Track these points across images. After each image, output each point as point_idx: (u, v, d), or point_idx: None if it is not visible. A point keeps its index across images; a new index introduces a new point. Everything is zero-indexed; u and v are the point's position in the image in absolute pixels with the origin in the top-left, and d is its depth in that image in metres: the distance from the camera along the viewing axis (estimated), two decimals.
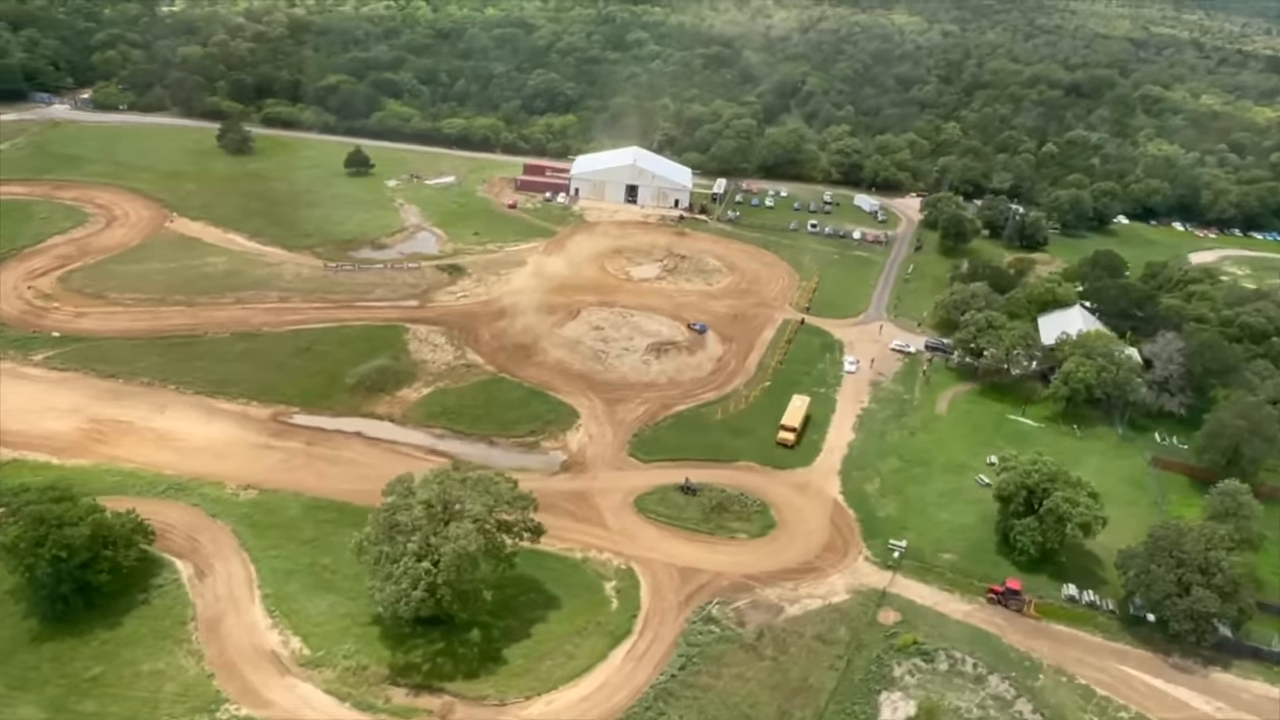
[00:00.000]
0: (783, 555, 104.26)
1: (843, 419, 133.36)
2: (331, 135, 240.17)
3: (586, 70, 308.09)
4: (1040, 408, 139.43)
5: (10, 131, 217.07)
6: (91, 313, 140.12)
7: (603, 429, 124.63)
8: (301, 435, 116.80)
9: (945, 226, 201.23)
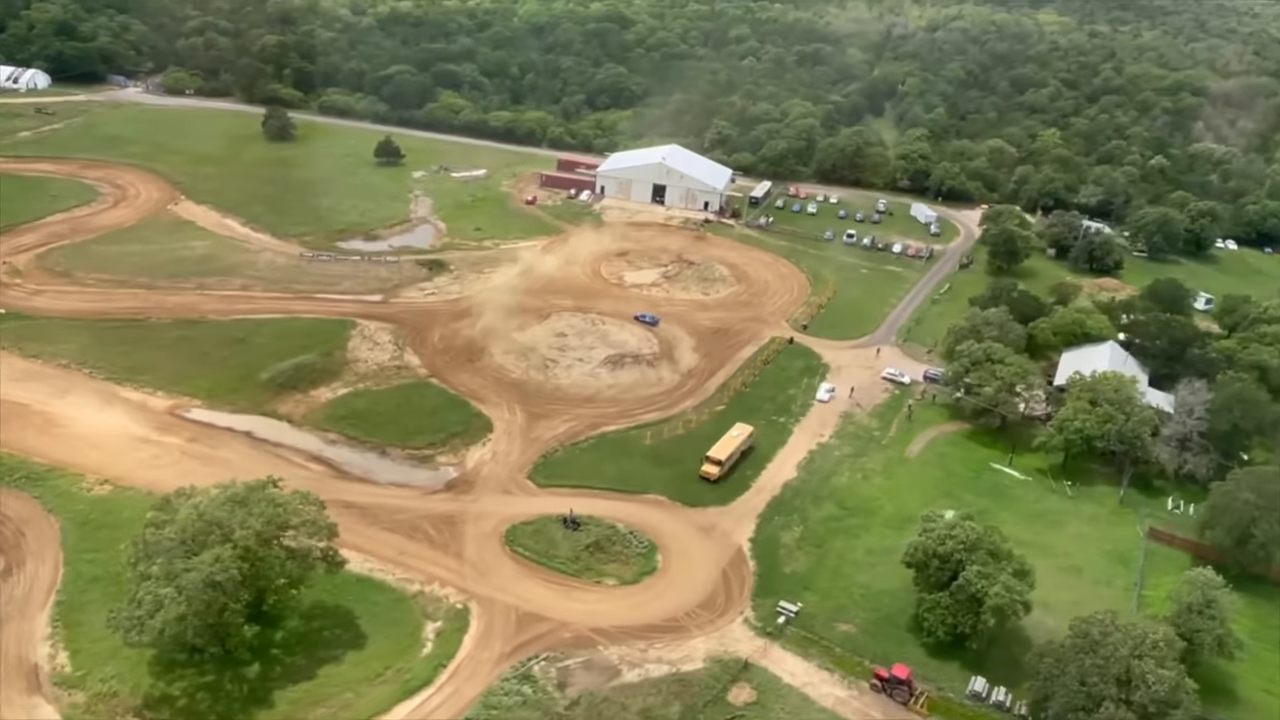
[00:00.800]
0: (648, 608, 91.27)
1: (791, 454, 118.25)
2: (383, 125, 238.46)
3: (666, 66, 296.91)
4: (1033, 458, 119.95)
5: (71, 111, 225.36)
6: (48, 291, 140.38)
7: (511, 446, 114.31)
8: (189, 431, 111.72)
9: (994, 243, 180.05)
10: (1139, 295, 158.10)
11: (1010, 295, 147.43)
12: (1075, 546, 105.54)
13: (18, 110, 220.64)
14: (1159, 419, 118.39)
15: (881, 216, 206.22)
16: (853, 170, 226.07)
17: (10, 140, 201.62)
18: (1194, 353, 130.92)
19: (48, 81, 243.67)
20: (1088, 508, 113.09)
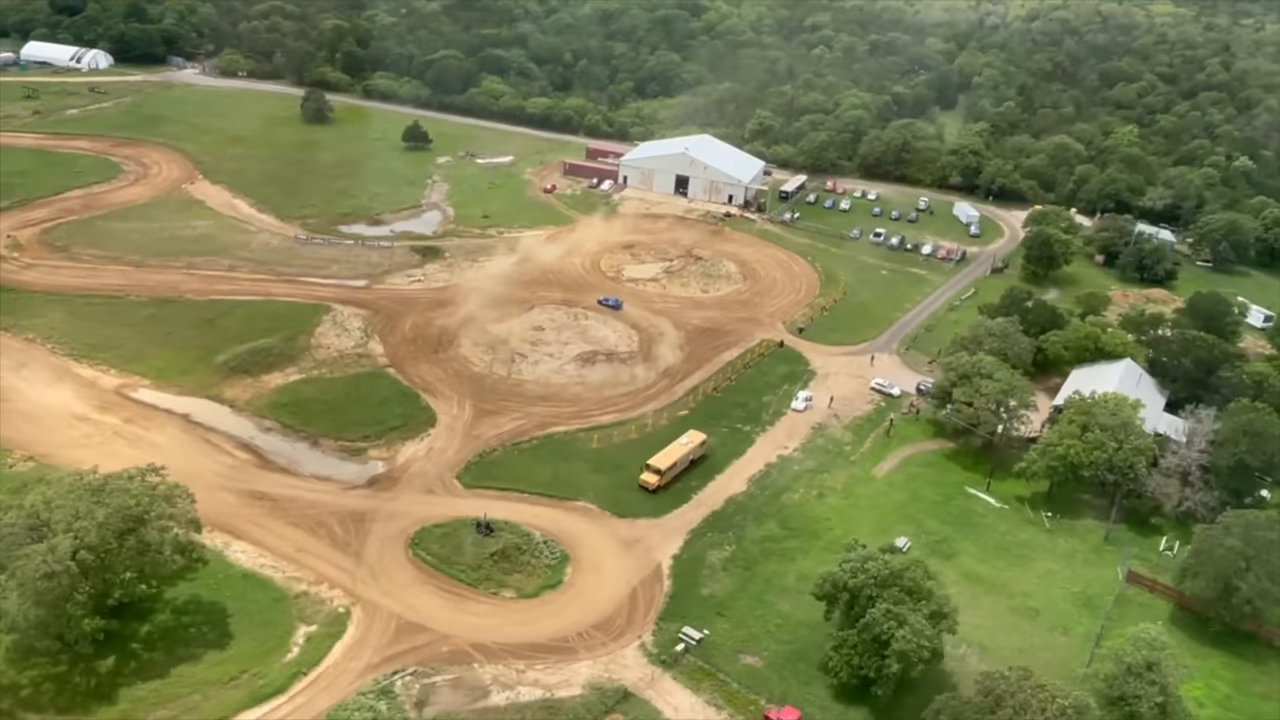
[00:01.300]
0: (540, 625, 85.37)
1: (746, 466, 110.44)
2: (423, 110, 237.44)
3: (724, 55, 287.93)
4: (1016, 484, 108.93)
5: (123, 91, 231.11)
6: (41, 266, 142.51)
7: (450, 444, 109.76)
8: (128, 411, 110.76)
9: (1029, 247, 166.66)
10: (1179, 309, 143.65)
11: (1023, 304, 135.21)
12: (1039, 586, 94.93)
13: (73, 89, 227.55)
14: (1162, 449, 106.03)
15: (919, 215, 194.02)
16: (898, 165, 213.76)
17: (56, 117, 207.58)
18: (1220, 376, 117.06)
19: (110, 62, 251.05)
20: (1065, 543, 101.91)
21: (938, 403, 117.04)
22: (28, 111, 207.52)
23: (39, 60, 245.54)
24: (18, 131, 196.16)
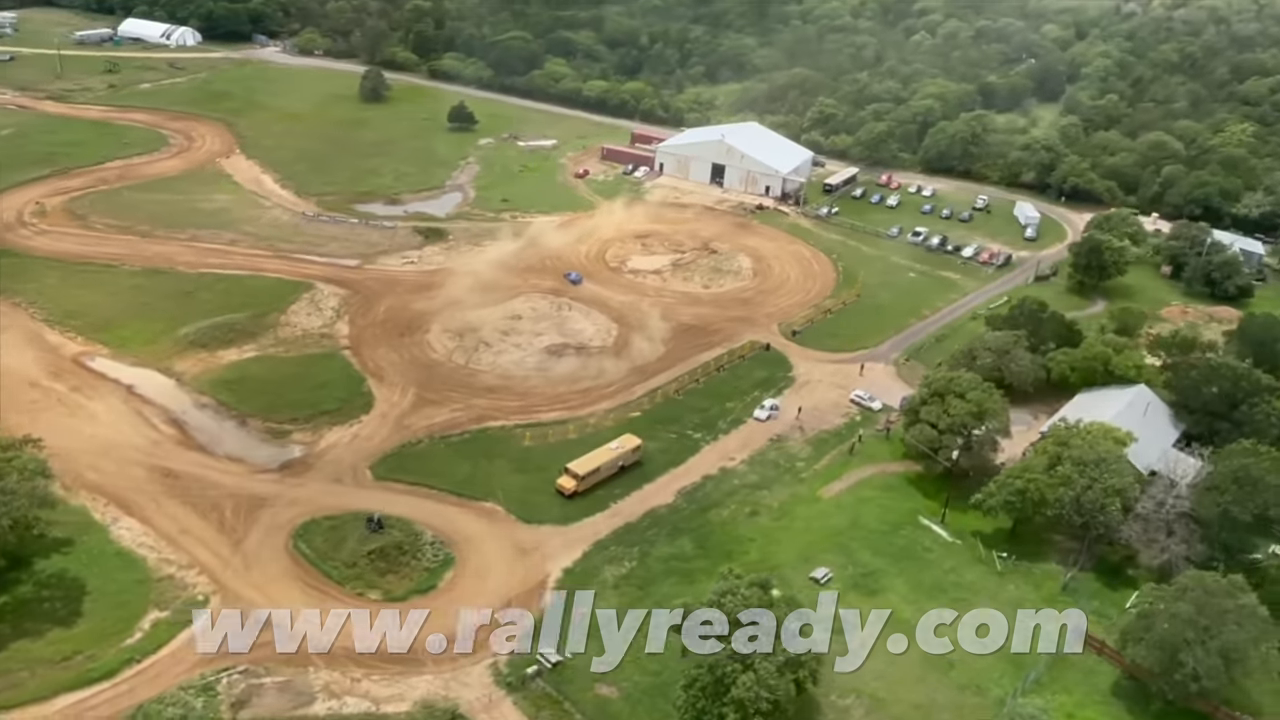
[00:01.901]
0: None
1: (682, 476, 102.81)
2: (484, 91, 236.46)
3: (808, 39, 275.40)
4: (979, 517, 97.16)
5: (200, 67, 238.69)
6: (54, 232, 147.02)
7: (378, 432, 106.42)
8: (79, 378, 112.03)
9: (1077, 254, 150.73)
10: (1230, 331, 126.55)
11: (1035, 316, 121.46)
12: (966, 635, 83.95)
13: (153, 65, 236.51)
14: (1149, 490, 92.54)
15: (975, 214, 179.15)
16: (964, 160, 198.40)
17: (128, 91, 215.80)
18: (1244, 411, 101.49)
19: (197, 39, 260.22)
20: (1015, 588, 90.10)
21: (908, 421, 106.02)
22: (103, 85, 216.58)
23: (133, 37, 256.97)
24: (87, 104, 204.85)
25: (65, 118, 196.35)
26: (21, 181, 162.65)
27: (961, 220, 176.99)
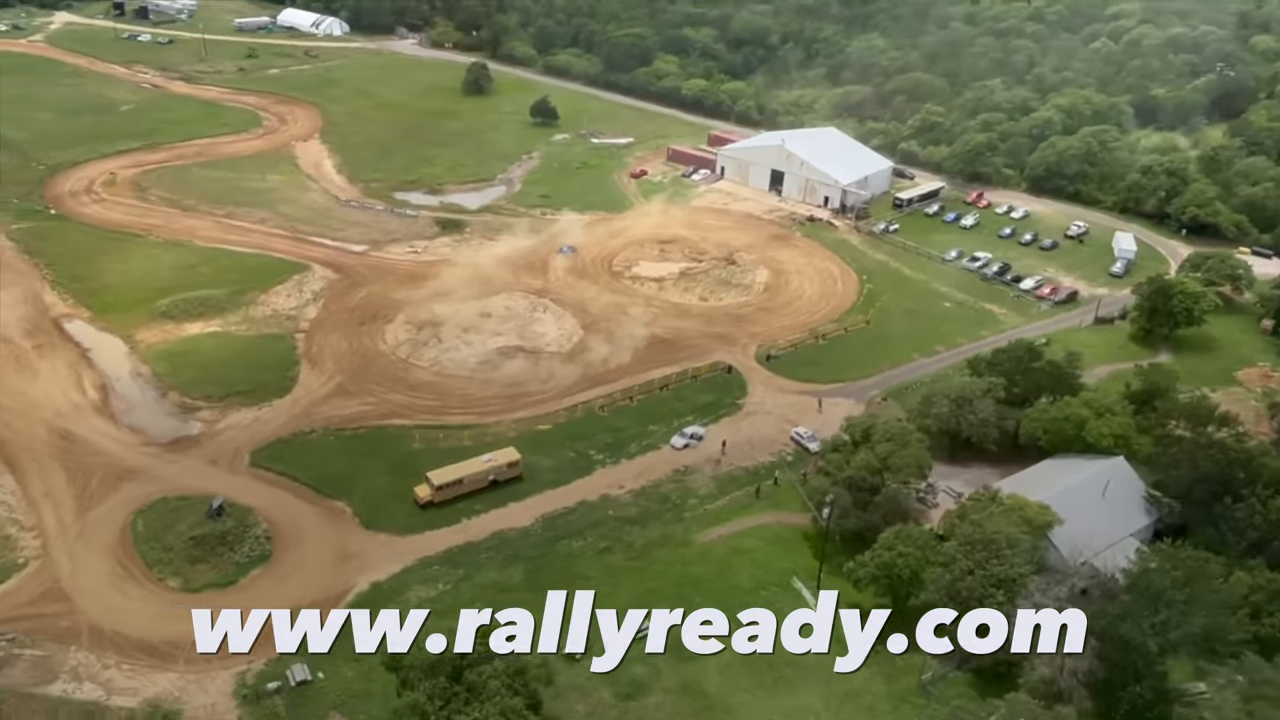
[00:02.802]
0: (165, 623, 78.72)
1: (552, 501, 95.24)
2: (589, 87, 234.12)
3: (957, 43, 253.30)
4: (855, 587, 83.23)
5: (333, 55, 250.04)
6: (108, 201, 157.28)
7: (279, 417, 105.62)
8: (48, 339, 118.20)
9: (1143, 298, 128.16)
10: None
11: (1022, 361, 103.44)
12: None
13: (290, 52, 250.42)
14: (1051, 586, 75.76)
15: (1062, 243, 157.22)
16: (1075, 181, 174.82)
17: (256, 76, 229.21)
18: (1225, 504, 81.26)
19: (344, 29, 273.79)
20: (862, 677, 75.62)
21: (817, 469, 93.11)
22: (234, 69, 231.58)
23: (287, 25, 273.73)
24: (210, 85, 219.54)
25: (184, 97, 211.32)
26: (112, 153, 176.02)
27: (1043, 248, 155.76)
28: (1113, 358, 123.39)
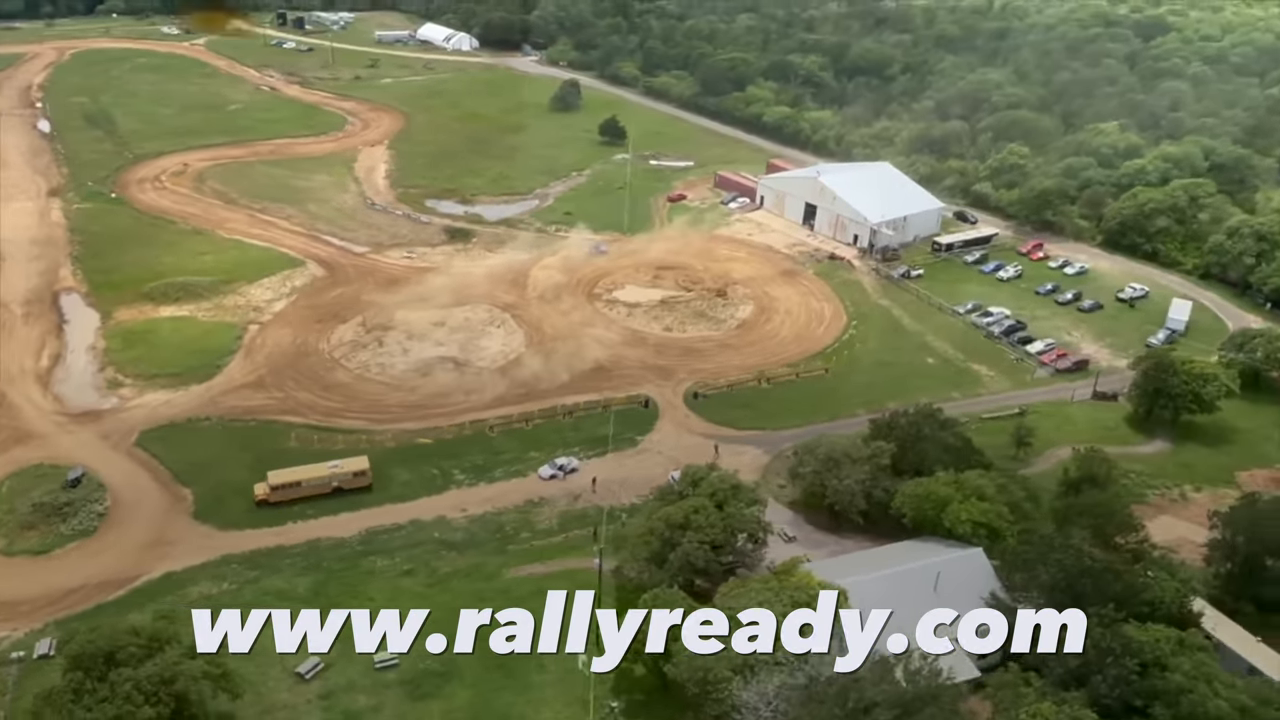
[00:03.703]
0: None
1: (388, 516, 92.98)
2: (680, 109, 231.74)
3: (1087, 82, 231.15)
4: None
5: (448, 69, 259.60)
6: (167, 191, 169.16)
7: (188, 402, 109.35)
8: (40, 309, 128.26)
9: (1142, 376, 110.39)
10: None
11: (923, 428, 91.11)
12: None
13: (410, 63, 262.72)
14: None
15: (1105, 305, 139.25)
16: (1155, 238, 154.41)
17: (367, 84, 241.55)
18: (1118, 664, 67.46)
19: (474, 45, 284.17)
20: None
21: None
22: (350, 77, 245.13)
23: (423, 39, 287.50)
24: (320, 90, 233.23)
25: (291, 100, 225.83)
26: (197, 146, 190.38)
27: (1082, 309, 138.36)
28: (1093, 438, 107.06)
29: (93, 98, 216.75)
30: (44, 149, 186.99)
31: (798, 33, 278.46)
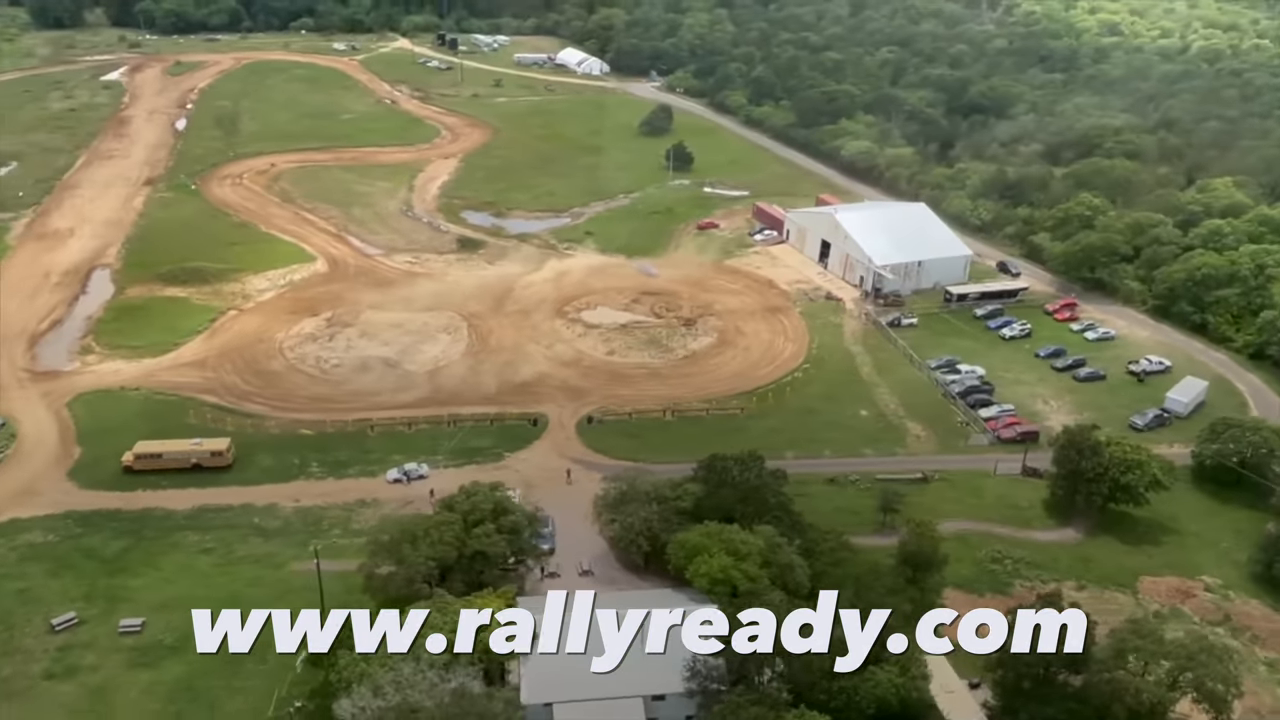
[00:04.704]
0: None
1: (217, 498, 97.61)
2: (774, 140, 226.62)
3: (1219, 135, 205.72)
4: None
5: (569, 90, 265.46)
6: (241, 187, 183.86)
7: (130, 375, 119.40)
8: (72, 279, 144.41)
9: (1060, 454, 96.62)
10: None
11: (734, 474, 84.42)
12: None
13: (532, 84, 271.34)
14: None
15: (1100, 377, 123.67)
16: (1207, 309, 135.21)
17: (482, 101, 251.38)
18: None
19: (604, 70, 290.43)
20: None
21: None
22: (468, 94, 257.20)
23: (559, 63, 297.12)
24: (433, 106, 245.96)
25: (402, 112, 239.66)
26: (293, 148, 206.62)
27: (1078, 378, 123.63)
28: (994, 515, 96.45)
29: (234, 102, 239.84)
30: (167, 144, 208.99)
31: (940, 67, 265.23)
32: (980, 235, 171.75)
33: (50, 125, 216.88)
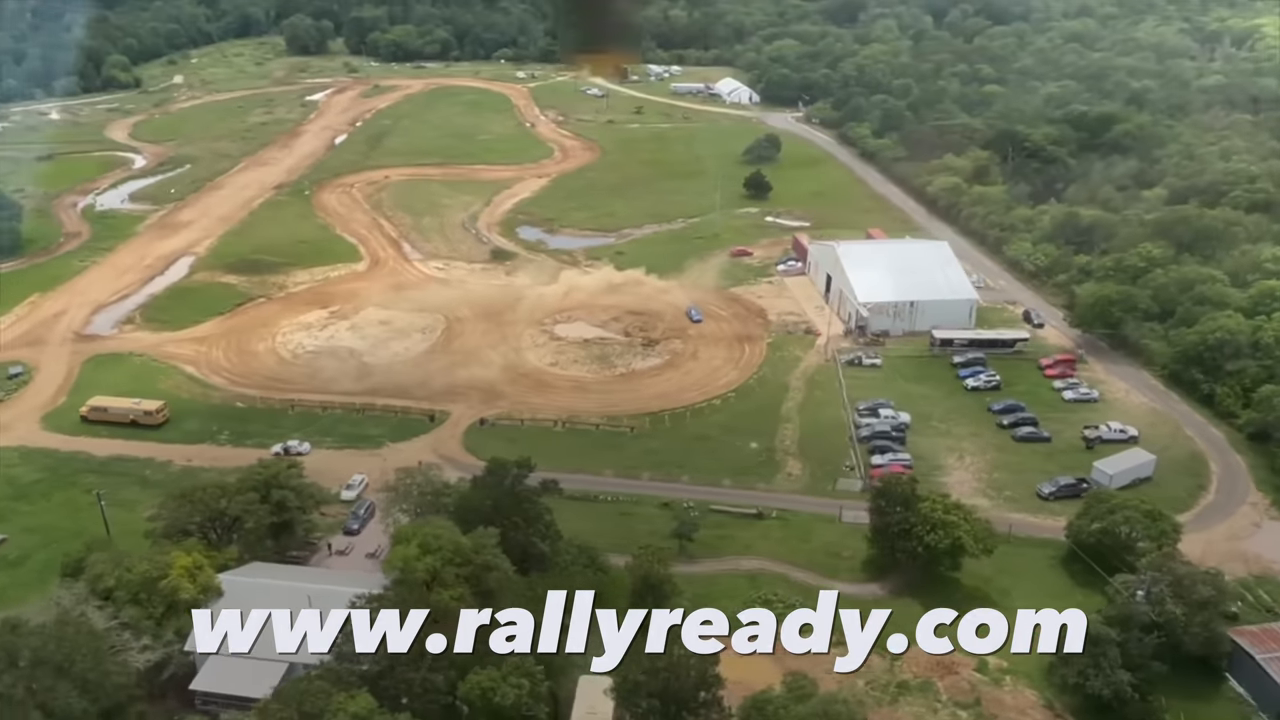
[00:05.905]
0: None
1: (139, 449, 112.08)
2: (878, 171, 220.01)
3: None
4: None
5: (704, 119, 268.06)
6: (347, 195, 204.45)
7: (150, 339, 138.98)
8: (159, 263, 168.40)
9: (874, 505, 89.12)
10: None
11: (499, 485, 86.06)
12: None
13: (671, 111, 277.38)
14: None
15: (1035, 438, 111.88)
16: (1220, 379, 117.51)
17: (615, 126, 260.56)
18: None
19: (754, 99, 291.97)
20: None
21: None
22: (604, 120, 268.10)
23: (713, 92, 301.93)
24: (567, 129, 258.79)
25: (534, 135, 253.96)
26: (414, 163, 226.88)
27: (1016, 438, 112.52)
28: (805, 560, 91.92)
29: (395, 121, 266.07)
30: (317, 155, 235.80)
31: (1103, 102, 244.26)
32: (1033, 281, 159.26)
33: (236, 135, 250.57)
